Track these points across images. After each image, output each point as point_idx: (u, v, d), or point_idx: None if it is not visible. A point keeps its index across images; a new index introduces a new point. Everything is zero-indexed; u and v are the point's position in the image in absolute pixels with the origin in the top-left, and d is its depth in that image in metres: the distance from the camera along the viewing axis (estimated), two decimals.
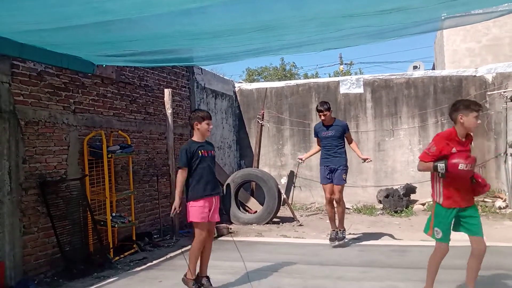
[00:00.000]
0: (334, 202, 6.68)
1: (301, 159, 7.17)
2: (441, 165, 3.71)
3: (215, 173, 4.81)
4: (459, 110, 3.81)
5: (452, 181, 3.79)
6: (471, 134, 3.99)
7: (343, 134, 6.66)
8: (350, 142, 6.82)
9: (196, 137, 4.79)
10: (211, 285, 4.75)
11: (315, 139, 7.03)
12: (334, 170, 6.55)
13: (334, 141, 6.59)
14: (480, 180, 3.83)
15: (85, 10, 3.13)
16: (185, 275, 4.70)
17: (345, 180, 6.62)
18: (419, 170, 3.94)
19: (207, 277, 4.78)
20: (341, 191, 6.58)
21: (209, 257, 4.83)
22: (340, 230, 6.73)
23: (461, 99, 4.15)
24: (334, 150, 6.59)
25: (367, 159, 6.76)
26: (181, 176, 4.62)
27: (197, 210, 4.55)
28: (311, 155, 7.38)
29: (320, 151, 6.96)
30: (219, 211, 4.89)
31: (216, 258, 6.23)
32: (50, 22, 3.43)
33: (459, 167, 3.60)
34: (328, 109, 6.60)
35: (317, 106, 6.73)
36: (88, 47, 4.66)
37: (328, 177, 6.59)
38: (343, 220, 6.79)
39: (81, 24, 3.49)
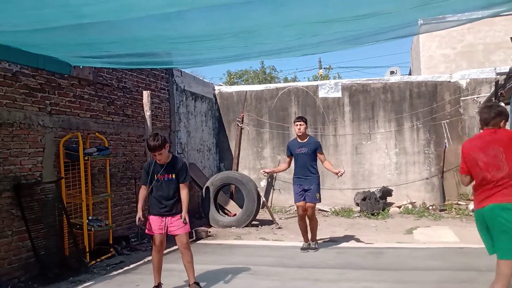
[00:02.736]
0: (307, 218, 6.70)
1: (265, 172, 7.16)
2: None
3: (172, 194, 4.79)
4: (503, 116, 3.53)
5: None
6: None
7: (315, 151, 6.64)
8: (323, 161, 6.72)
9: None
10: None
11: (287, 158, 6.92)
12: (308, 190, 6.55)
13: (307, 158, 6.58)
14: None
15: (61, 13, 3.10)
16: None
17: (319, 200, 6.64)
18: None
19: (195, 283, 4.86)
20: (313, 208, 6.62)
21: (191, 266, 4.87)
22: (312, 242, 6.76)
23: (500, 105, 3.80)
24: (307, 169, 6.55)
25: (338, 172, 6.57)
26: (141, 193, 4.90)
27: (151, 226, 4.84)
28: (277, 172, 7.37)
29: (286, 169, 7.07)
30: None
31: (195, 262, 6.21)
32: (26, 24, 3.38)
33: None
34: (305, 122, 6.68)
35: (295, 119, 6.84)
36: (65, 48, 4.58)
37: (300, 194, 6.59)
38: (315, 234, 6.81)
39: (57, 26, 3.45)
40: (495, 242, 3.42)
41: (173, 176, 4.77)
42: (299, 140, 6.68)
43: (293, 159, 6.75)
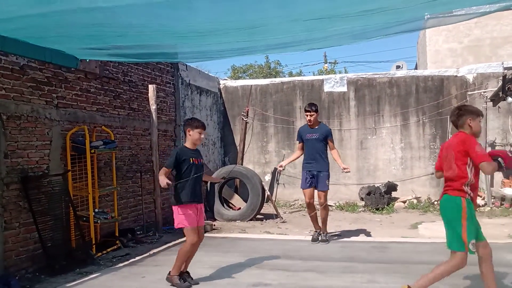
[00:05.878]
0: (318, 206, 6.76)
1: (282, 167, 7.13)
2: (500, 160, 3.77)
3: (201, 183, 5.04)
4: (467, 114, 3.80)
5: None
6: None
7: (326, 138, 6.71)
8: (331, 148, 6.82)
9: (188, 144, 4.99)
10: (192, 278, 4.94)
11: (298, 144, 7.04)
12: (316, 176, 6.61)
13: (317, 144, 6.64)
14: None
15: None
16: (169, 273, 4.85)
17: (328, 186, 6.70)
18: (490, 171, 3.79)
19: (188, 272, 4.99)
20: (325, 196, 6.67)
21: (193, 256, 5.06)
22: (323, 233, 6.82)
23: (464, 105, 4.16)
24: (317, 154, 6.62)
25: (346, 168, 6.68)
26: (162, 172, 4.76)
27: (187, 217, 4.75)
28: (291, 161, 7.42)
29: (299, 157, 7.01)
30: (205, 206, 5.05)
31: (200, 254, 6.25)
32: (33, 6, 3.37)
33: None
34: (316, 111, 6.71)
35: (305, 106, 6.84)
36: (71, 39, 4.53)
37: (308, 182, 6.64)
38: (326, 223, 6.86)
39: (62, 9, 3.42)
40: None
41: (202, 161, 5.06)
42: (311, 126, 6.74)
43: (304, 143, 6.80)
